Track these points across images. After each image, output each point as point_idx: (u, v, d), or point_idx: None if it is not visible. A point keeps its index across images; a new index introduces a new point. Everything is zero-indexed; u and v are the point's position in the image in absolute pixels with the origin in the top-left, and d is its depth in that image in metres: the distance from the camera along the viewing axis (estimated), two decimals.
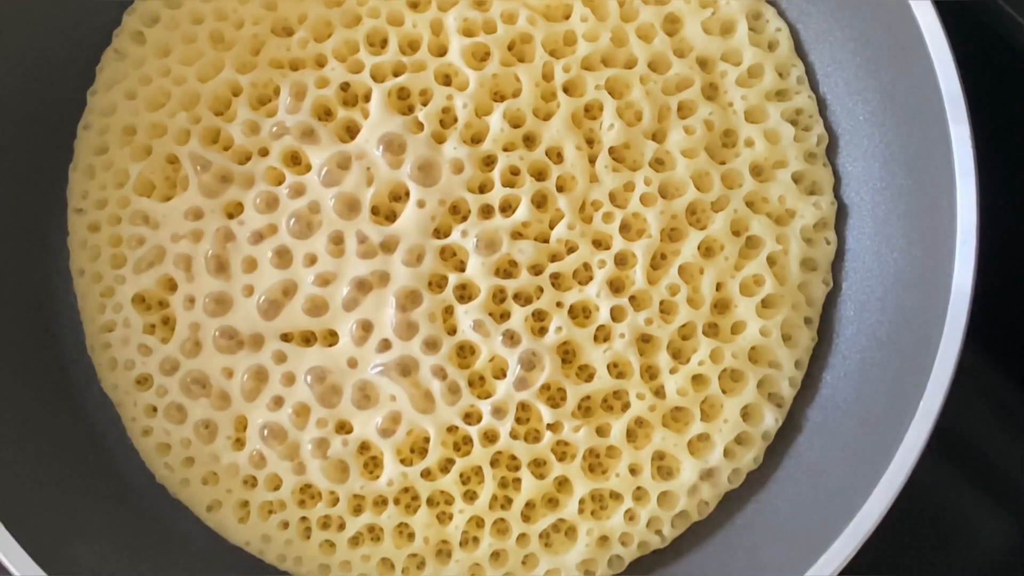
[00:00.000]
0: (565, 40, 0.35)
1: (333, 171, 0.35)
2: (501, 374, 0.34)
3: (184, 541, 0.35)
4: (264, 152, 0.35)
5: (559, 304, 0.34)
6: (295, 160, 0.35)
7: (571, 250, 0.34)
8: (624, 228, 0.35)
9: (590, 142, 0.35)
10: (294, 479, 0.34)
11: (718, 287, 0.35)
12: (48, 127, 0.36)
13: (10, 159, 0.35)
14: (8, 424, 0.33)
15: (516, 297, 0.34)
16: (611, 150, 0.35)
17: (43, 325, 0.36)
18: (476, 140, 0.35)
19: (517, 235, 0.34)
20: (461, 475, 0.34)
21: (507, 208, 0.35)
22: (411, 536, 0.34)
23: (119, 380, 0.35)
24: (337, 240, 0.34)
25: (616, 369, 0.34)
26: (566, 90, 0.35)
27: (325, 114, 0.35)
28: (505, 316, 0.34)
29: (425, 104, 0.35)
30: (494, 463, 0.34)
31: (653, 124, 0.35)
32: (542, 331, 0.34)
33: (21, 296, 0.36)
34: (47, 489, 0.33)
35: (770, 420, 0.35)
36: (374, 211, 0.34)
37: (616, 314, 0.34)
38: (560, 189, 0.35)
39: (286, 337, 0.34)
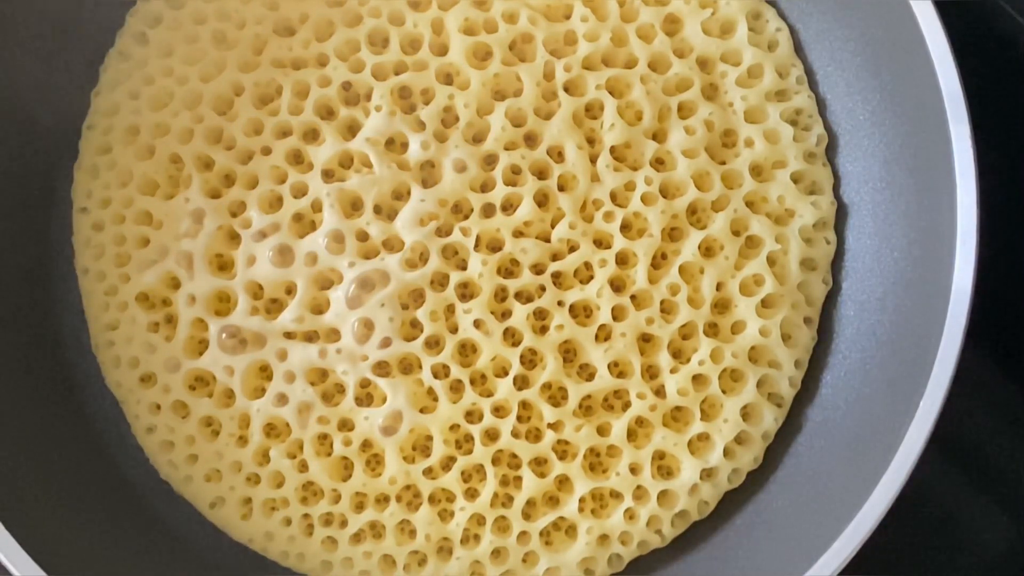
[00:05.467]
0: (566, 40, 0.35)
1: (336, 170, 0.35)
2: (503, 373, 0.34)
3: (185, 540, 0.35)
4: (267, 151, 0.35)
5: (560, 303, 0.34)
6: (297, 159, 0.35)
7: (572, 249, 0.35)
8: (625, 227, 0.35)
9: (591, 141, 0.35)
10: (296, 476, 0.34)
11: (718, 287, 0.35)
12: (52, 127, 0.36)
13: (14, 159, 0.35)
14: (9, 424, 0.33)
15: (517, 296, 0.34)
16: (612, 149, 0.35)
17: (45, 324, 0.36)
18: (477, 139, 0.35)
19: (519, 234, 0.35)
20: (463, 473, 0.34)
21: (509, 207, 0.35)
22: (412, 533, 0.34)
23: (123, 378, 0.35)
24: (339, 239, 0.34)
25: (617, 368, 0.34)
26: (567, 89, 0.35)
27: (327, 113, 0.35)
28: (507, 315, 0.34)
29: (427, 103, 0.35)
30: (495, 461, 0.34)
31: (653, 124, 0.35)
32: (543, 330, 0.34)
33: (24, 295, 0.36)
34: (47, 489, 0.33)
35: (770, 420, 0.35)
36: (376, 210, 0.34)
37: (617, 313, 0.34)
38: (561, 188, 0.35)
39: (288, 335, 0.34)
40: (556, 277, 0.35)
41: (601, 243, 0.35)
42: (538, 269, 0.34)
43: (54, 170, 0.36)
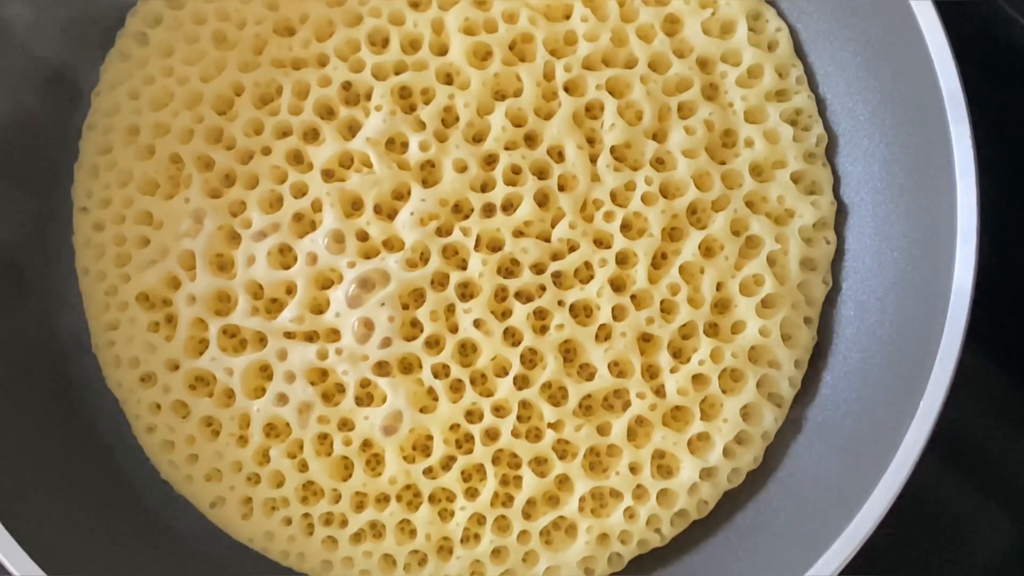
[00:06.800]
0: (566, 40, 0.35)
1: (336, 170, 0.35)
2: (503, 372, 0.34)
3: (185, 540, 0.35)
4: (267, 151, 0.35)
5: (560, 303, 0.34)
6: (297, 159, 0.35)
7: (572, 249, 0.35)
8: (625, 227, 0.35)
9: (591, 141, 0.35)
10: (297, 476, 0.34)
11: (718, 287, 0.35)
12: (53, 127, 0.36)
13: (16, 159, 0.35)
14: (8, 424, 0.33)
15: (518, 295, 0.34)
16: (612, 149, 0.35)
17: (45, 324, 0.36)
18: (478, 139, 0.35)
19: (519, 233, 0.35)
20: (463, 472, 0.34)
21: (509, 207, 0.35)
22: (413, 533, 0.34)
23: (123, 378, 0.35)
24: (339, 238, 0.34)
25: (617, 368, 0.34)
26: (567, 89, 0.35)
27: (327, 113, 0.35)
28: (507, 314, 0.34)
29: (427, 103, 0.35)
30: (495, 461, 0.34)
31: (654, 124, 0.35)
32: (543, 329, 0.34)
33: (24, 295, 0.36)
34: (47, 489, 0.33)
35: (770, 420, 0.35)
36: (376, 209, 0.34)
37: (617, 313, 0.34)
38: (561, 188, 0.35)
39: (288, 335, 0.34)
40: (556, 277, 0.35)
41: (601, 243, 0.35)
42: (538, 269, 0.34)
43: (54, 170, 0.36)
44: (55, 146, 0.36)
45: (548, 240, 0.35)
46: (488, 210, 0.35)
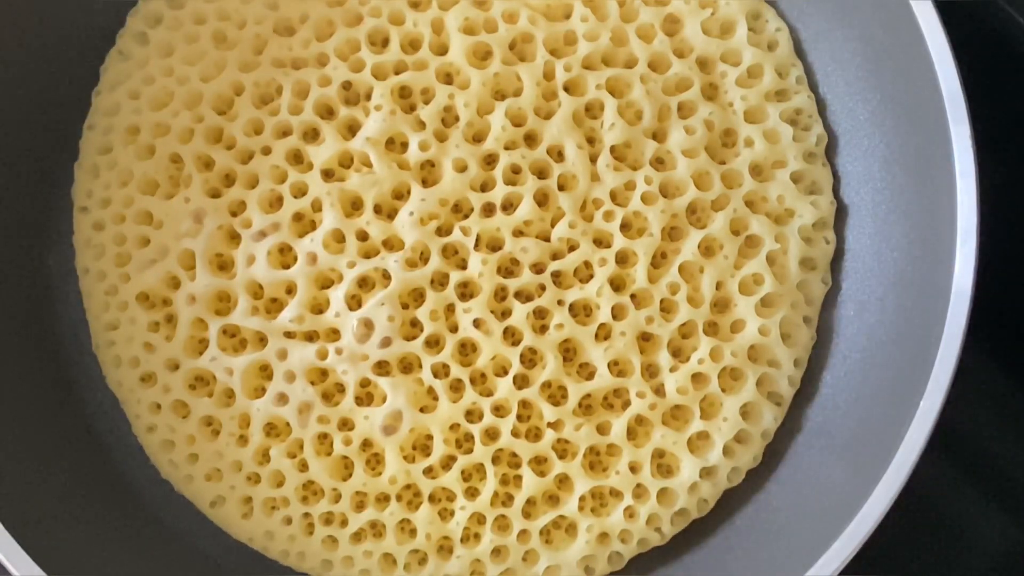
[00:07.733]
0: (566, 40, 0.35)
1: (336, 170, 0.35)
2: (503, 372, 0.34)
3: (185, 540, 0.35)
4: (267, 151, 0.35)
5: (560, 302, 0.34)
6: (297, 159, 0.35)
7: (572, 248, 0.35)
8: (625, 227, 0.35)
9: (591, 141, 0.35)
10: (297, 476, 0.34)
11: (718, 286, 0.35)
12: (54, 127, 0.36)
13: (16, 158, 0.35)
14: (8, 424, 0.33)
15: (517, 295, 0.34)
16: (612, 149, 0.35)
17: (45, 324, 0.36)
18: (478, 139, 0.35)
19: (519, 233, 0.35)
20: (463, 472, 0.34)
21: (509, 206, 0.35)
22: (413, 532, 0.34)
23: (123, 378, 0.35)
24: (339, 238, 0.34)
25: (617, 367, 0.34)
26: (567, 89, 0.35)
27: (327, 113, 0.35)
28: (507, 314, 0.34)
29: (427, 103, 0.35)
30: (495, 460, 0.34)
31: (653, 123, 0.35)
32: (543, 329, 0.34)
33: (24, 295, 0.36)
34: (47, 489, 0.33)
35: (769, 419, 0.35)
36: (376, 209, 0.34)
37: (617, 312, 0.34)
38: (561, 187, 0.35)
39: (288, 335, 0.34)
40: (556, 276, 0.35)
41: (601, 242, 0.35)
42: (538, 268, 0.34)
43: (54, 170, 0.36)
44: (57, 146, 0.36)
45: (548, 240, 0.35)
46: (488, 210, 0.35)
